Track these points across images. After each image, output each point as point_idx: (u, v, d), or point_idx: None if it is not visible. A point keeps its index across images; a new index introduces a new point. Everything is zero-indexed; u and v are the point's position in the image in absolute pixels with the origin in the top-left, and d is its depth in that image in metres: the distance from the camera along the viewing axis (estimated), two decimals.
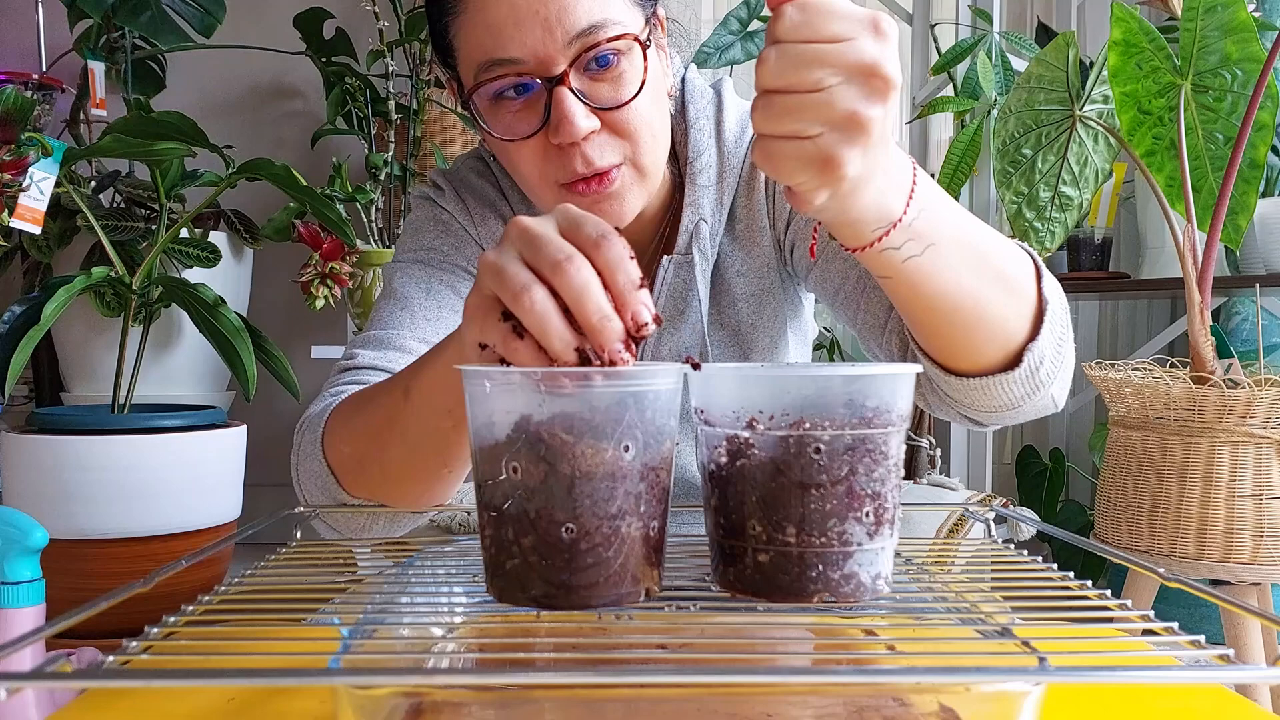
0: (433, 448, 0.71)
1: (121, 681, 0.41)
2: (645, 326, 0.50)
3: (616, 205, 0.82)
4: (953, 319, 0.68)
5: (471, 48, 0.78)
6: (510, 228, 0.53)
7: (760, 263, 0.94)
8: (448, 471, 0.73)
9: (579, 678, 0.42)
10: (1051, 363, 0.72)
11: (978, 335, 0.69)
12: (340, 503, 0.80)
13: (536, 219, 0.53)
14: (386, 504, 0.79)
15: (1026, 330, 0.70)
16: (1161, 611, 0.56)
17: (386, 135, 2.42)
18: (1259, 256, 1.97)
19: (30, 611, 1.27)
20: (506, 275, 0.50)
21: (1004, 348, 0.71)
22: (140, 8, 2.25)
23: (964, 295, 0.66)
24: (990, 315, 0.68)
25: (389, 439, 0.73)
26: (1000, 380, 0.72)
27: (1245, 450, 1.41)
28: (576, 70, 0.77)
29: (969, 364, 0.72)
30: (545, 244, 0.50)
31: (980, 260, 0.66)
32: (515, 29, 0.75)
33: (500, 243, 0.53)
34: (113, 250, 1.95)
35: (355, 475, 0.78)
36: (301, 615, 0.57)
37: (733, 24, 2.30)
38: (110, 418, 1.92)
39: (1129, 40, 1.57)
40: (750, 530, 0.51)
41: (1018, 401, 0.74)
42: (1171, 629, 0.51)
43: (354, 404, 0.80)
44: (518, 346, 0.50)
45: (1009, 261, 0.69)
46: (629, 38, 0.78)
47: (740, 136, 0.93)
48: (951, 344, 0.71)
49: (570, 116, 0.76)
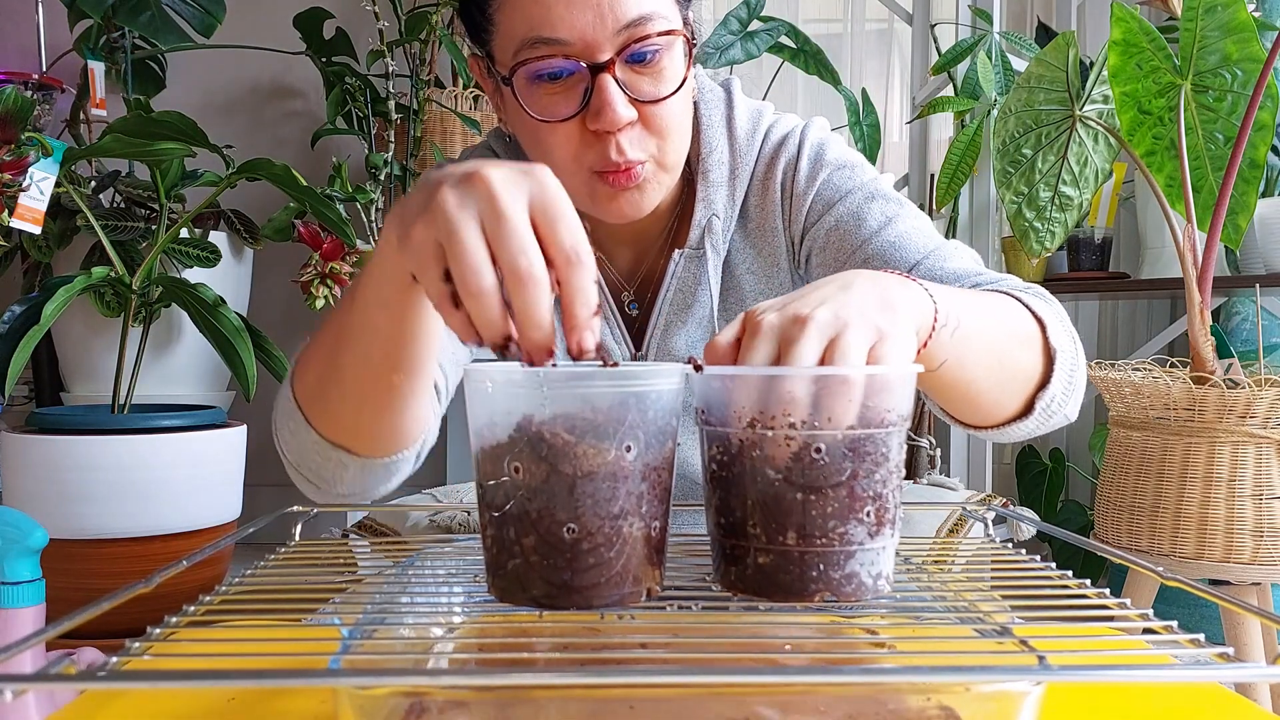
0: (380, 350, 0.67)
1: (124, 683, 0.41)
2: (586, 354, 0.50)
3: (638, 198, 0.83)
4: (974, 400, 0.73)
5: (516, 23, 0.78)
6: (481, 180, 0.51)
7: (770, 261, 0.94)
8: (400, 379, 0.68)
9: (579, 678, 0.42)
10: (1063, 396, 0.76)
11: (1000, 400, 0.74)
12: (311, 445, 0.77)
13: (510, 185, 0.51)
14: (351, 442, 0.75)
15: (1038, 381, 0.75)
16: (1161, 611, 0.56)
17: (386, 135, 2.42)
18: (1259, 256, 1.97)
19: (30, 611, 1.27)
20: (463, 249, 0.50)
21: (1017, 405, 0.75)
22: (140, 8, 2.25)
23: (985, 380, 0.71)
24: (1006, 386, 0.73)
25: (342, 348, 0.70)
26: (1014, 427, 0.77)
27: (1245, 450, 1.41)
28: (621, 59, 0.77)
29: (988, 421, 0.77)
30: (512, 239, 0.49)
31: (998, 344, 0.71)
32: (566, 9, 0.75)
33: (468, 184, 0.51)
34: (113, 250, 1.95)
35: (317, 401, 0.75)
36: (301, 615, 0.57)
37: (733, 24, 2.30)
38: (110, 418, 1.92)
39: (1129, 40, 1.57)
40: (751, 530, 0.51)
41: (1031, 434, 0.78)
42: (1171, 628, 0.51)
43: (318, 329, 0.77)
44: (451, 314, 0.51)
45: (1020, 333, 0.73)
46: (676, 34, 0.79)
47: (751, 134, 0.94)
48: (974, 413, 0.76)
49: (613, 104, 0.77)
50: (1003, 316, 0.72)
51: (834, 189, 0.90)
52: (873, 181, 0.91)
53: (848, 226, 0.89)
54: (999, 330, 0.71)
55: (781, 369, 0.51)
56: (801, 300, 0.55)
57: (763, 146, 0.94)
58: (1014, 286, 0.79)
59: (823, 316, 0.53)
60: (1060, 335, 0.75)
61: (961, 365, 0.66)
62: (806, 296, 0.56)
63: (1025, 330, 0.73)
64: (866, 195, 0.89)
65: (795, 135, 0.93)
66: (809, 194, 0.91)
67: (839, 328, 0.53)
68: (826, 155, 0.92)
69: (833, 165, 0.91)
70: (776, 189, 0.93)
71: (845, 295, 0.56)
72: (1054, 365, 0.73)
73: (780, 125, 0.95)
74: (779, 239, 0.93)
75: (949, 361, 0.65)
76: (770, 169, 0.93)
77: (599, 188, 0.82)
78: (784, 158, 0.92)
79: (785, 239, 0.94)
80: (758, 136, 0.94)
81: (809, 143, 0.93)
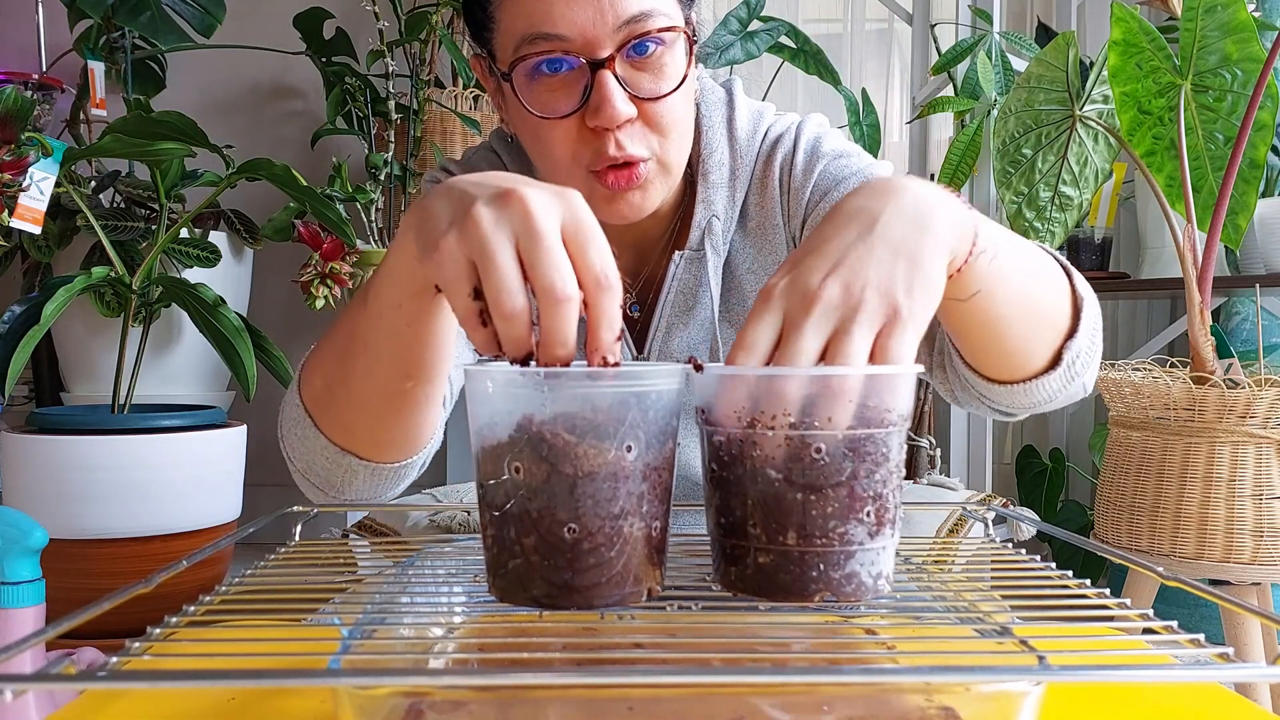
0: (391, 353, 0.66)
1: (124, 683, 0.41)
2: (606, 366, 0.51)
3: (639, 198, 0.83)
4: (1003, 342, 0.71)
5: (516, 18, 0.78)
6: (518, 199, 0.51)
7: (772, 260, 0.94)
8: (412, 384, 0.68)
9: (579, 678, 0.42)
10: (1087, 354, 0.75)
11: (1027, 348, 0.73)
12: (319, 451, 0.76)
13: (546, 206, 0.51)
14: (361, 449, 0.75)
15: (1066, 329, 0.74)
16: (1161, 611, 0.56)
17: (386, 135, 2.42)
18: (1259, 256, 1.97)
19: (30, 611, 1.27)
20: (499, 269, 0.50)
21: (1047, 353, 0.74)
22: (140, 8, 2.25)
23: (1017, 320, 0.69)
24: (1036, 331, 0.72)
25: (352, 352, 0.70)
26: (1040, 381, 0.75)
27: (1245, 450, 1.41)
28: (621, 55, 0.77)
29: (1015, 374, 0.75)
30: (548, 258, 0.50)
31: (1030, 283, 0.69)
32: (566, 6, 0.75)
33: (503, 202, 0.51)
34: (113, 250, 1.95)
35: (326, 407, 0.75)
36: (301, 615, 0.57)
37: (733, 24, 2.30)
38: (110, 418, 1.92)
39: (1129, 40, 1.57)
40: (751, 530, 0.51)
41: (1054, 395, 0.77)
42: (1171, 628, 0.51)
43: (325, 334, 0.77)
44: (477, 329, 0.51)
45: (1049, 276, 0.72)
46: (677, 30, 0.79)
47: (752, 135, 0.94)
48: (1001, 360, 0.74)
49: (612, 100, 0.76)
50: (1035, 256, 0.71)
51: (830, 177, 0.90)
52: (869, 167, 0.91)
53: None
54: (1032, 267, 0.69)
55: (783, 369, 0.51)
56: (818, 258, 0.54)
57: (761, 146, 0.94)
58: None
59: (831, 295, 0.52)
60: (1084, 285, 0.74)
61: (993, 299, 0.65)
62: (825, 248, 0.55)
63: (1054, 274, 0.73)
64: (864, 180, 0.89)
65: (791, 131, 0.93)
66: (807, 185, 0.91)
67: (846, 313, 0.52)
68: (823, 146, 0.92)
69: (829, 155, 0.91)
70: (775, 185, 0.93)
71: (867, 245, 0.54)
72: (1080, 316, 0.73)
73: (779, 124, 0.95)
74: (779, 235, 0.93)
75: (981, 293, 0.63)
76: (768, 166, 0.93)
77: (597, 189, 0.82)
78: (780, 153, 0.92)
79: (785, 235, 0.94)
80: (758, 137, 0.94)
81: (805, 136, 0.93)
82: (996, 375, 0.76)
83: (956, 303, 0.64)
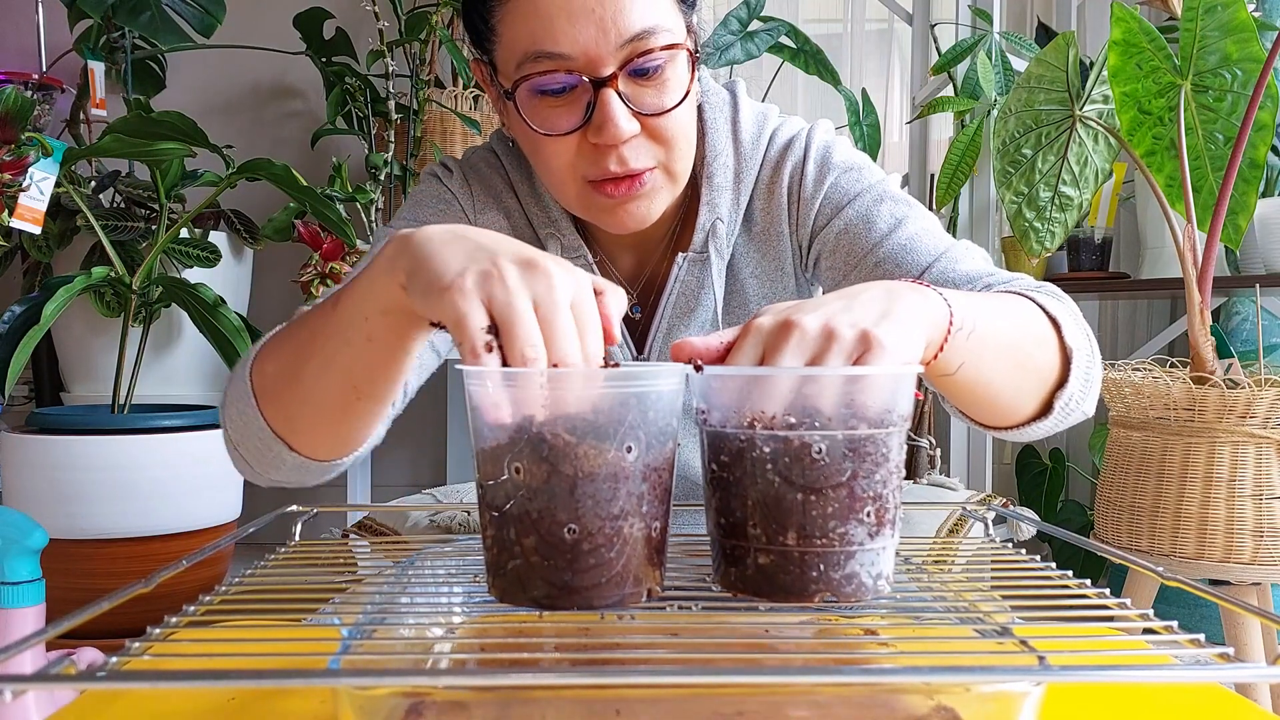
0: (344, 364, 0.66)
1: (124, 683, 0.41)
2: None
3: (644, 206, 0.83)
4: (992, 402, 0.73)
5: (518, 35, 0.78)
6: (544, 271, 0.53)
7: (775, 265, 0.94)
8: (356, 399, 0.68)
9: (579, 678, 0.42)
10: (1080, 394, 0.76)
11: (1016, 402, 0.74)
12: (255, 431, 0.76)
13: (567, 282, 0.53)
14: (296, 441, 0.75)
15: (1055, 381, 0.74)
16: (1161, 611, 0.56)
17: (386, 135, 2.42)
18: (1259, 256, 1.97)
19: (30, 611, 1.27)
20: (526, 324, 0.51)
21: (1035, 405, 0.75)
22: (140, 8, 2.25)
23: (1003, 382, 0.71)
24: (1023, 387, 0.73)
25: (309, 352, 0.69)
26: (1032, 427, 0.76)
27: (1245, 450, 1.41)
28: (624, 73, 0.77)
29: (1006, 422, 0.77)
30: (566, 326, 0.52)
31: (1014, 346, 0.70)
32: (568, 24, 0.75)
33: (530, 269, 0.53)
34: (113, 250, 1.95)
35: (272, 396, 0.74)
36: (301, 615, 0.57)
37: (733, 24, 2.30)
38: (110, 418, 1.92)
39: (1129, 40, 1.57)
40: (751, 531, 0.51)
41: (1049, 433, 0.78)
42: (1171, 628, 0.51)
43: (290, 323, 0.76)
44: (476, 361, 0.52)
45: (1035, 334, 0.73)
46: (679, 47, 0.79)
47: (757, 137, 0.93)
48: (991, 413, 0.75)
49: (615, 119, 0.77)
50: (1017, 318, 0.72)
51: (842, 192, 0.90)
52: (880, 183, 0.91)
53: (857, 230, 0.88)
54: (1015, 332, 0.71)
55: (783, 370, 0.51)
56: (800, 307, 0.56)
57: (768, 150, 0.93)
58: (1027, 286, 0.79)
59: (811, 325, 0.53)
60: (1075, 334, 0.75)
61: (978, 368, 0.66)
62: (806, 304, 0.57)
63: (1040, 331, 0.74)
64: (875, 198, 0.89)
65: (801, 138, 0.93)
66: (817, 197, 0.91)
67: (823, 343, 0.53)
68: (833, 158, 0.92)
69: (840, 168, 0.91)
70: (783, 193, 0.92)
71: (846, 306, 0.56)
72: (1071, 365, 0.73)
73: (786, 128, 0.94)
74: (785, 243, 0.93)
75: (966, 365, 0.65)
76: (776, 173, 0.93)
77: (597, 199, 0.82)
78: (790, 161, 0.92)
79: (792, 243, 0.94)
80: (763, 140, 0.93)
81: (815, 146, 0.92)
82: (990, 424, 0.78)
83: (945, 377, 0.66)
